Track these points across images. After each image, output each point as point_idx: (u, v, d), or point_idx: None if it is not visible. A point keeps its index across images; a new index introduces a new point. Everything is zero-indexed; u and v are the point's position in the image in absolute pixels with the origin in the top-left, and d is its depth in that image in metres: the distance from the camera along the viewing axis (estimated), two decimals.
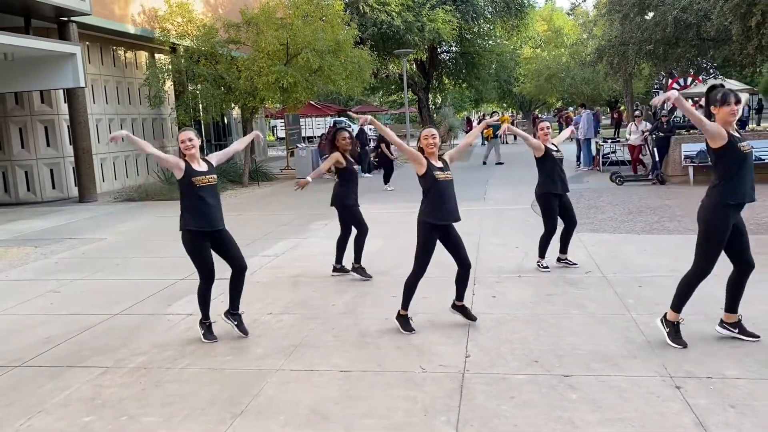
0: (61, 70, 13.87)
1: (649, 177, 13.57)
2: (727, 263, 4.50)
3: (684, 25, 16.53)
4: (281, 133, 41.08)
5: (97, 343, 5.07)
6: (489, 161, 20.45)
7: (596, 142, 17.67)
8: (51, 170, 15.82)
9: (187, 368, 4.47)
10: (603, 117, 41.16)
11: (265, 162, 22.38)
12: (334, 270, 6.91)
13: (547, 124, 6.76)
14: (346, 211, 6.77)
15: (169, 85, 17.87)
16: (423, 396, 3.84)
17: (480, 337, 4.79)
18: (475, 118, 58.57)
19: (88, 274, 7.52)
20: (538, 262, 6.70)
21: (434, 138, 4.93)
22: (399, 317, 5.05)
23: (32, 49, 12.89)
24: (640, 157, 15.29)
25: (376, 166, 19.44)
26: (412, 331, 4.94)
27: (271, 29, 16.01)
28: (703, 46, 17.49)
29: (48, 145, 15.74)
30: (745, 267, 4.45)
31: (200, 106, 17.68)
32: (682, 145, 13.03)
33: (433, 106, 39.23)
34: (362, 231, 6.80)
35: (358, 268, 6.74)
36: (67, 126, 15.42)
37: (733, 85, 22.00)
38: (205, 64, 16.41)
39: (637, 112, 16.92)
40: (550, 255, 6.75)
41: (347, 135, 6.77)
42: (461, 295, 5.12)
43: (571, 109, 43.47)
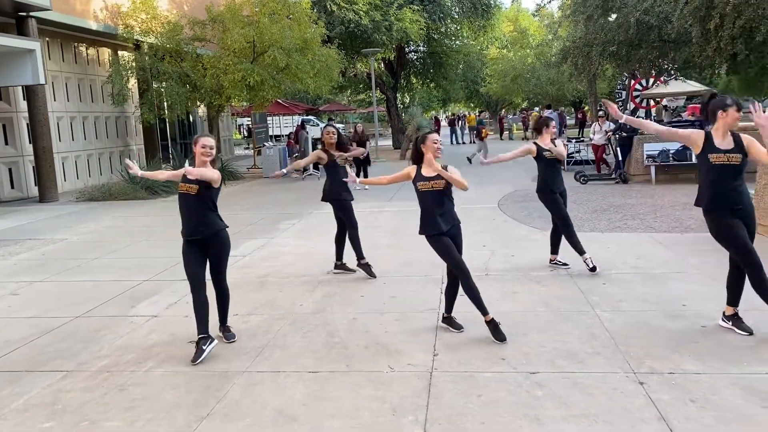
0: (20, 66, 13.50)
1: (613, 176, 13.81)
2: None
3: (646, 27, 16.84)
4: (248, 132, 40.73)
5: (58, 347, 4.95)
6: (474, 160, 20.30)
7: (561, 142, 17.90)
8: (10, 169, 15.39)
9: (151, 371, 4.39)
10: (567, 117, 41.72)
11: (231, 161, 22.13)
12: (336, 267, 6.86)
13: (553, 123, 6.83)
14: (339, 204, 6.72)
15: (132, 83, 17.55)
16: (391, 395, 3.84)
17: (448, 336, 4.81)
18: (443, 117, 58.91)
19: (49, 276, 7.33)
20: (552, 260, 6.73)
21: (441, 143, 4.98)
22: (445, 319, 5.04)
23: None
24: (604, 156, 15.56)
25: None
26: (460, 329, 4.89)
27: (237, 27, 15.86)
28: (665, 48, 17.84)
29: (6, 144, 15.30)
30: (733, 266, 4.64)
31: (165, 104, 17.39)
32: (645, 145, 13.28)
33: (402, 106, 39.30)
34: (352, 225, 6.73)
35: (364, 265, 6.64)
36: (27, 124, 15.01)
37: (693, 86, 22.54)
38: (169, 62, 16.17)
39: (600, 112, 17.21)
40: (564, 253, 6.74)
41: (332, 130, 6.73)
42: (447, 307, 5.04)
43: (536, 109, 44.03)
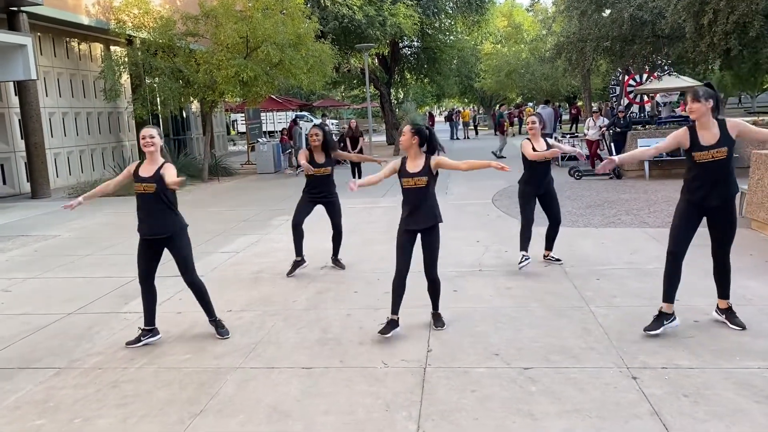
0: (11, 61, 13.41)
1: (607, 171, 13.82)
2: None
3: (640, 23, 16.86)
4: (242, 128, 40.63)
5: (51, 344, 4.93)
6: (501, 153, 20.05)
7: (555, 137, 17.94)
8: (1, 165, 15.30)
9: (143, 368, 4.38)
10: (563, 112, 41.75)
11: (225, 157, 22.07)
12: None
13: (533, 119, 6.71)
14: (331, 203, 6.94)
15: (125, 78, 17.45)
16: (385, 391, 3.84)
17: (441, 332, 4.81)
18: (437, 113, 58.87)
19: (41, 273, 7.30)
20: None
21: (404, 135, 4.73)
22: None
23: None
24: (598, 152, 15.59)
25: (338, 161, 19.36)
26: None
27: (230, 22, 15.77)
28: (658, 44, 17.87)
29: None
30: (714, 260, 4.66)
31: (158, 99, 17.30)
32: (639, 140, 13.31)
33: (395, 101, 39.28)
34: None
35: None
36: (18, 120, 14.92)
37: (686, 82, 22.59)
38: (162, 57, 16.06)
39: (595, 108, 17.23)
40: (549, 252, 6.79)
41: (316, 132, 6.74)
42: (433, 305, 5.02)
43: (530, 104, 44.05)
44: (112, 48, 18.11)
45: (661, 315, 4.55)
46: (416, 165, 4.74)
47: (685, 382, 3.77)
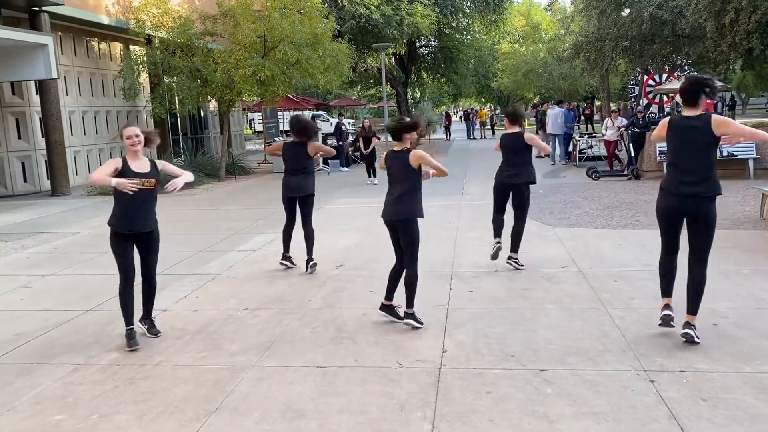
0: (33, 60, 13.58)
1: (625, 172, 13.71)
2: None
3: (660, 22, 16.70)
4: (259, 127, 40.81)
5: (69, 340, 4.99)
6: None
7: (573, 138, 17.82)
8: (22, 163, 15.51)
9: (160, 365, 4.41)
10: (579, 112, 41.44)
11: (242, 156, 22.18)
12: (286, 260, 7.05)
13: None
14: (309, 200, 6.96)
15: (144, 77, 17.61)
16: (399, 391, 3.84)
17: (457, 332, 4.79)
18: (454, 112, 58.74)
19: (60, 269, 7.39)
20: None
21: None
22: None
23: (2, 39, 12.59)
24: (616, 152, 15.45)
25: (355, 160, 19.39)
26: None
27: (248, 21, 15.84)
28: (678, 43, 17.68)
29: (19, 138, 15.42)
30: (689, 270, 4.49)
31: (176, 98, 17.43)
32: (658, 142, 13.17)
33: (412, 101, 39.25)
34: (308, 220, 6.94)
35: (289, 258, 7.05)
36: (39, 118, 15.11)
37: None
38: (181, 56, 16.18)
39: (613, 108, 17.09)
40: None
41: (293, 130, 6.84)
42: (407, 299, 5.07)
43: (547, 104, 43.76)
44: (131, 47, 18.27)
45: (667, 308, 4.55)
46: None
47: (703, 386, 3.72)
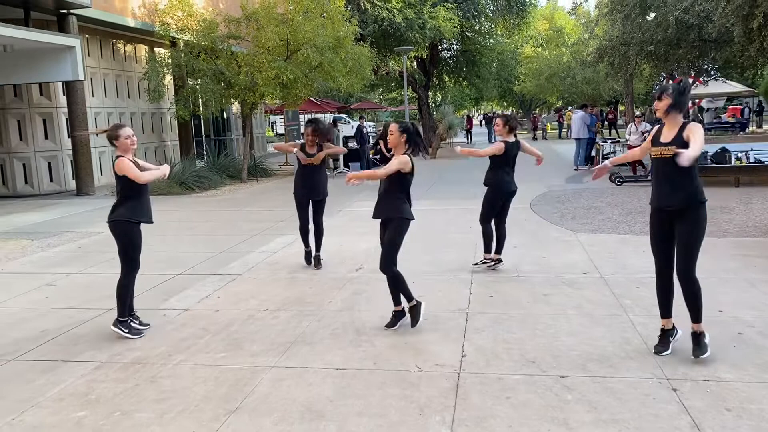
0: (60, 62, 13.82)
1: (648, 178, 13.55)
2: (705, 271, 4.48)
3: (685, 26, 16.50)
4: (280, 129, 41.07)
5: (92, 338, 5.05)
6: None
7: (596, 142, 17.68)
8: (49, 163, 15.78)
9: (181, 364, 4.45)
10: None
11: (264, 158, 22.34)
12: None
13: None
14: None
15: (168, 80, 17.81)
16: (418, 395, 3.83)
17: (476, 337, 4.77)
18: (476, 116, 58.55)
19: (84, 268, 7.49)
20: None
21: (391, 135, 4.99)
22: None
23: (31, 42, 12.84)
24: None
25: (376, 163, 19.41)
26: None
27: (271, 25, 15.96)
28: (705, 48, 17.46)
29: (46, 138, 15.69)
30: (678, 278, 4.24)
31: (200, 100, 17.62)
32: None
33: (433, 104, 39.22)
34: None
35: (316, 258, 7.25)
36: (66, 119, 15.37)
37: (734, 87, 22.01)
38: (204, 59, 16.35)
39: (637, 113, 16.91)
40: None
41: (309, 130, 6.95)
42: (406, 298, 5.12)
43: (570, 108, 43.46)
44: (156, 50, 18.49)
45: (665, 333, 4.38)
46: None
47: (728, 396, 3.66)
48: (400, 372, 4.17)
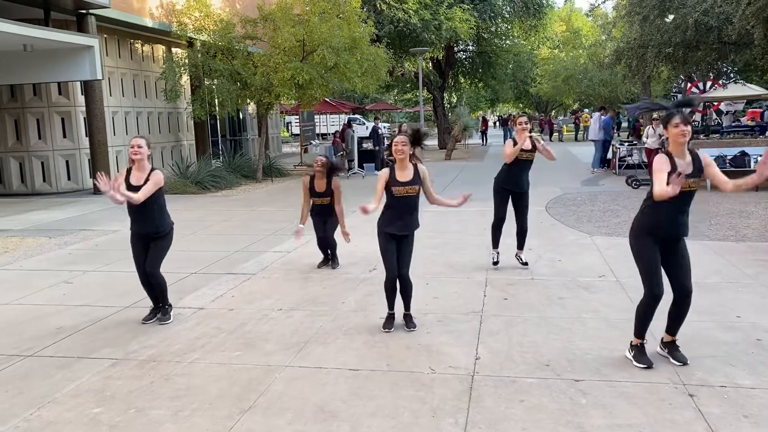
0: (79, 62, 13.97)
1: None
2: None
3: (705, 29, 16.32)
4: (295, 130, 41.21)
5: (108, 335, 5.10)
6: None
7: (613, 145, 17.57)
8: (67, 162, 15.95)
9: (196, 362, 4.47)
10: (622, 119, 40.75)
11: (278, 158, 22.43)
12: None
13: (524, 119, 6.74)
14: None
15: (185, 80, 17.94)
16: (431, 397, 3.82)
17: (490, 339, 4.75)
18: (491, 118, 58.38)
19: (101, 266, 7.56)
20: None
21: (404, 145, 4.84)
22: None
23: (51, 41, 12.99)
24: None
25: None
26: None
27: (287, 25, 16.01)
28: (724, 50, 17.25)
29: (64, 137, 15.86)
30: (678, 294, 4.18)
31: (216, 101, 17.73)
32: (701, 150, 12.87)
33: (448, 105, 39.14)
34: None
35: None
36: (84, 118, 15.52)
37: (753, 90, 21.73)
38: (221, 59, 16.44)
39: (655, 116, 16.75)
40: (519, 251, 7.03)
41: (319, 162, 7.01)
42: (405, 305, 5.13)
43: (587, 110, 43.19)
44: (174, 50, 18.63)
45: (643, 347, 4.26)
46: (406, 174, 4.90)
47: (746, 403, 3.61)
48: (413, 373, 4.17)
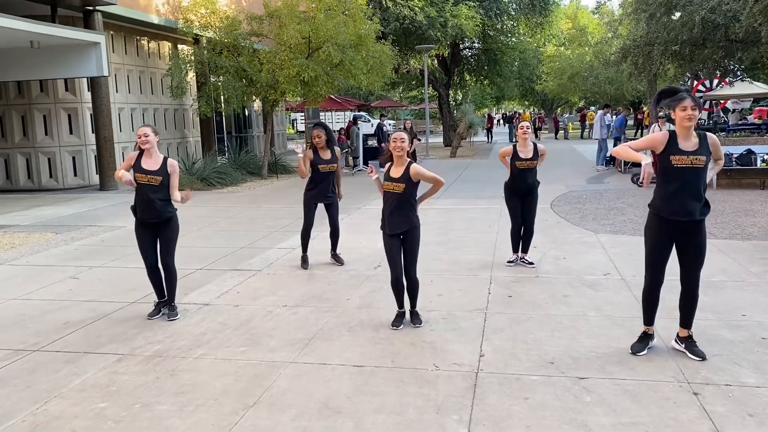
0: (86, 58, 14.01)
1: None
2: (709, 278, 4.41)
3: (712, 26, 16.24)
4: (301, 127, 41.24)
5: (114, 331, 5.12)
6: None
7: (619, 143, 17.53)
8: (73, 158, 16.01)
9: (201, 358, 4.49)
10: (628, 118, 40.59)
11: (284, 155, 22.46)
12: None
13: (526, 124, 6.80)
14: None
15: (191, 76, 17.97)
16: (436, 394, 3.82)
17: (495, 337, 4.75)
18: (496, 115, 58.25)
19: (107, 262, 7.59)
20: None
21: (402, 142, 4.86)
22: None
23: (57, 38, 13.02)
24: None
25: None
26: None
27: (293, 22, 16.02)
28: (731, 48, 17.16)
29: (71, 133, 15.92)
30: (686, 284, 4.25)
31: (222, 97, 17.76)
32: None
33: (454, 103, 39.09)
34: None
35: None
36: (90, 114, 15.58)
37: (760, 88, 21.63)
38: (227, 56, 16.46)
39: (661, 114, 16.70)
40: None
41: (317, 133, 6.93)
42: (412, 303, 5.11)
43: (592, 108, 43.06)
44: (180, 47, 18.65)
45: (648, 336, 4.39)
46: (398, 171, 4.90)
47: (751, 401, 3.61)
48: (417, 370, 4.17)
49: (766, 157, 12.53)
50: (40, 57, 13.95)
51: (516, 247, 6.91)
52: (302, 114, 30.41)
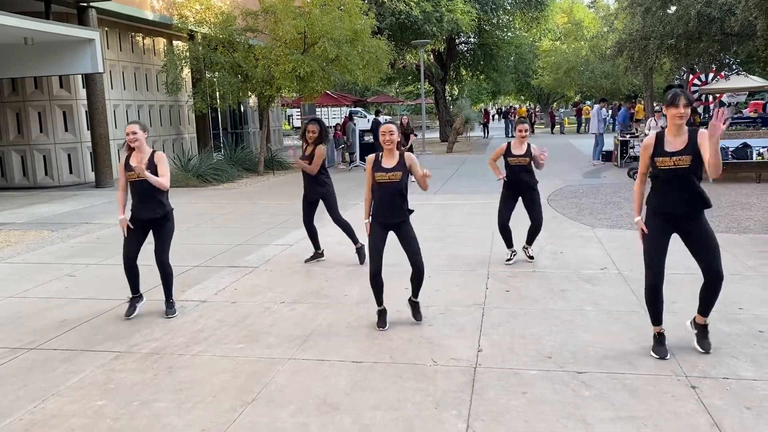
0: (80, 55, 13.95)
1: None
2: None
3: (707, 20, 16.25)
4: (297, 123, 41.18)
5: (111, 328, 5.11)
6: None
7: (615, 137, 17.56)
8: (69, 155, 15.95)
9: (199, 355, 4.49)
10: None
11: (280, 151, 22.42)
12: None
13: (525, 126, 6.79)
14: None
15: (186, 73, 17.92)
16: (434, 389, 3.83)
17: (492, 332, 4.76)
18: (492, 110, 58.24)
19: (103, 259, 7.57)
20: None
21: (391, 134, 4.84)
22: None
23: (52, 34, 12.96)
24: None
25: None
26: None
27: (288, 18, 15.97)
28: (727, 42, 17.18)
29: (66, 130, 15.86)
30: (707, 277, 4.21)
31: (217, 93, 17.71)
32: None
33: (450, 98, 39.07)
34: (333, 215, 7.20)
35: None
36: (85, 111, 15.52)
37: (756, 82, 21.65)
38: (222, 52, 16.41)
39: (657, 108, 16.73)
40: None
41: (311, 128, 7.05)
42: (414, 292, 5.06)
43: (588, 102, 43.09)
44: (175, 43, 18.59)
45: (663, 336, 4.29)
46: (392, 161, 4.88)
47: (748, 394, 3.62)
48: (416, 366, 4.18)
49: (761, 151, 12.56)
50: (35, 54, 13.88)
51: (508, 243, 6.86)
52: (298, 110, 30.35)
